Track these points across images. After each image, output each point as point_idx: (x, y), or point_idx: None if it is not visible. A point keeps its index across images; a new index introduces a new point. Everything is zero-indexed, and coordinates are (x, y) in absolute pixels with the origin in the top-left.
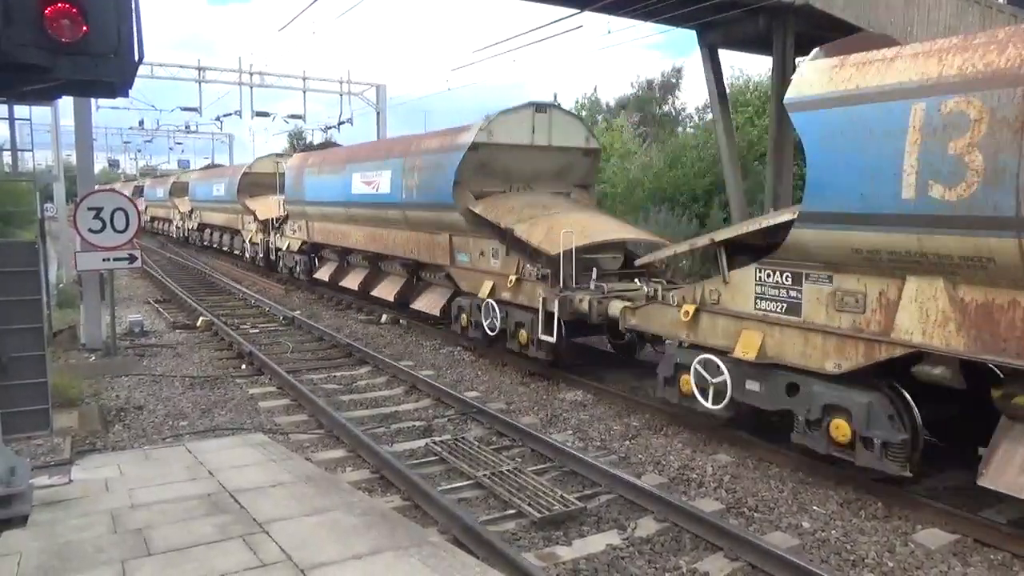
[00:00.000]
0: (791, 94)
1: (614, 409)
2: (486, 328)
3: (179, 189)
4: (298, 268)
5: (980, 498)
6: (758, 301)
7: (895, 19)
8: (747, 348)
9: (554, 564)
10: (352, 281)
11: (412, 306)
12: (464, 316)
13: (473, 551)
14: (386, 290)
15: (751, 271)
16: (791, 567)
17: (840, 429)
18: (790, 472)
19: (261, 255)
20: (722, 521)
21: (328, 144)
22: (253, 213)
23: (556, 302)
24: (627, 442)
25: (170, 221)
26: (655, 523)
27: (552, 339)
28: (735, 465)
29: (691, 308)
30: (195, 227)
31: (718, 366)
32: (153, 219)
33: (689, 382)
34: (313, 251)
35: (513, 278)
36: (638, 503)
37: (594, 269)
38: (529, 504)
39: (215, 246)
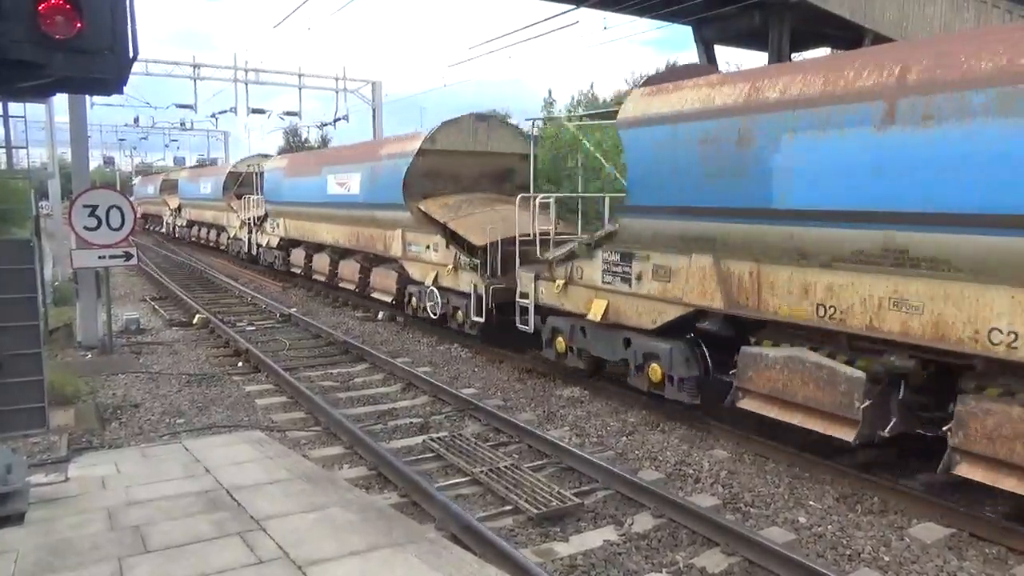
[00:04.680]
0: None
1: (611, 405)
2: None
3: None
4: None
5: (975, 492)
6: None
7: (890, 14)
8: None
9: (551, 560)
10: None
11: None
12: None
13: (470, 547)
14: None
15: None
16: (788, 562)
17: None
18: (786, 467)
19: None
20: (719, 516)
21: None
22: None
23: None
24: (624, 438)
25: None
26: (652, 519)
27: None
28: (731, 460)
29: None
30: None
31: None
32: None
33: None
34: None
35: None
36: (635, 499)
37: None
38: (526, 500)
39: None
